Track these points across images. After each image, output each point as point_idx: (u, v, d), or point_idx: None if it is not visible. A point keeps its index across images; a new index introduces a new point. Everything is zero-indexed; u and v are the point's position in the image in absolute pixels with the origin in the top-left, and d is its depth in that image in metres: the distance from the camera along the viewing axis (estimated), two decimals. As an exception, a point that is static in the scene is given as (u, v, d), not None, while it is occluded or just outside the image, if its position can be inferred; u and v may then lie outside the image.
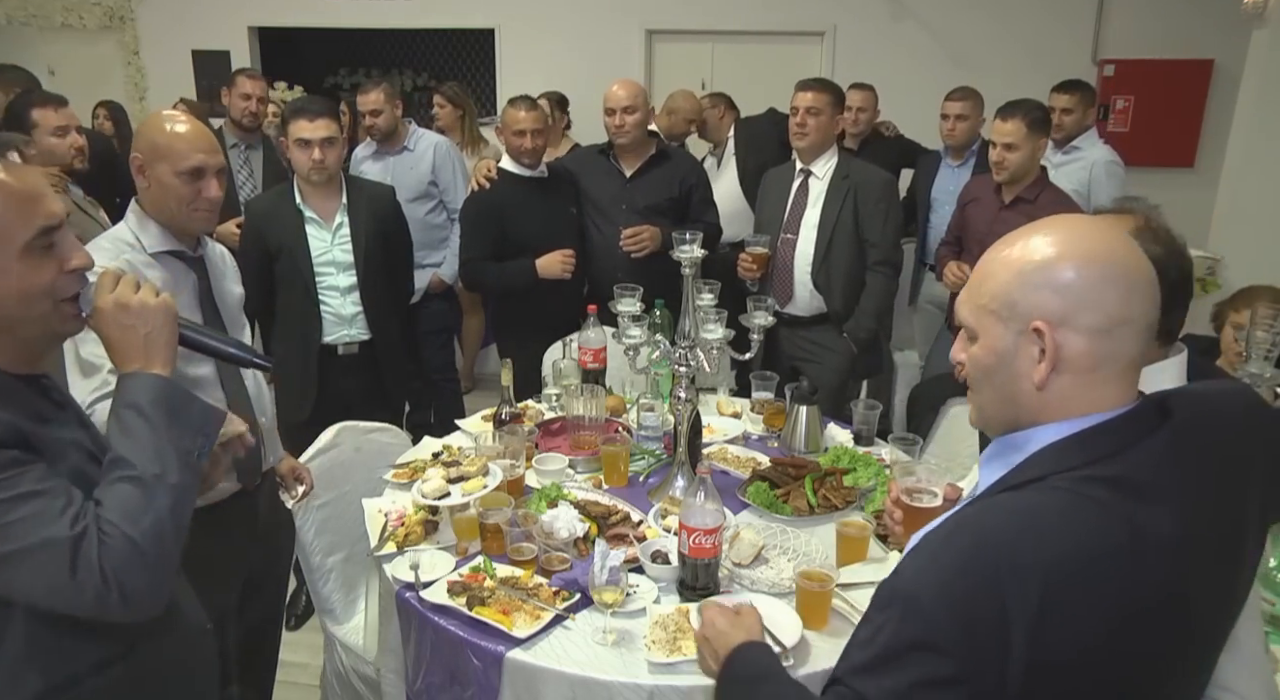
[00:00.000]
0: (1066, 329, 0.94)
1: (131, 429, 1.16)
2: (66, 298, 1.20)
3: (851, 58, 5.62)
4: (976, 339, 1.02)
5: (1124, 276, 0.95)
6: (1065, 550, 0.88)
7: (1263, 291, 2.53)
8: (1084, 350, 0.95)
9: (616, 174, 3.33)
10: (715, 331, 2.13)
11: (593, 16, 5.90)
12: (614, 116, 3.23)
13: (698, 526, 1.68)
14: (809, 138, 3.15)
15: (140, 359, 1.20)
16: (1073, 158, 3.86)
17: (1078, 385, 0.96)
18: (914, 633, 0.89)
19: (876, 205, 3.14)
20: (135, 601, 1.10)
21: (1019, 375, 0.98)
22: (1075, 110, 3.83)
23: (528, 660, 1.58)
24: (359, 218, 2.97)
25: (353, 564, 2.34)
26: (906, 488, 1.51)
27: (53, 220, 1.17)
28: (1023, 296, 0.96)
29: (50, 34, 6.53)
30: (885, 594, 0.94)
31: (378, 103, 3.85)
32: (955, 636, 0.86)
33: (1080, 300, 0.94)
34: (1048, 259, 0.96)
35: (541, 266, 3.20)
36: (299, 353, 2.96)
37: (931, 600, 0.88)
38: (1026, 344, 0.96)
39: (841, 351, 3.21)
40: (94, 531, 1.08)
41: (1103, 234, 0.98)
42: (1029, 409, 0.99)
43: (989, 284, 1.00)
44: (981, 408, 1.07)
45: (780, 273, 3.25)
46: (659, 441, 2.45)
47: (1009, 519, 0.93)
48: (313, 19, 6.31)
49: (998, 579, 0.87)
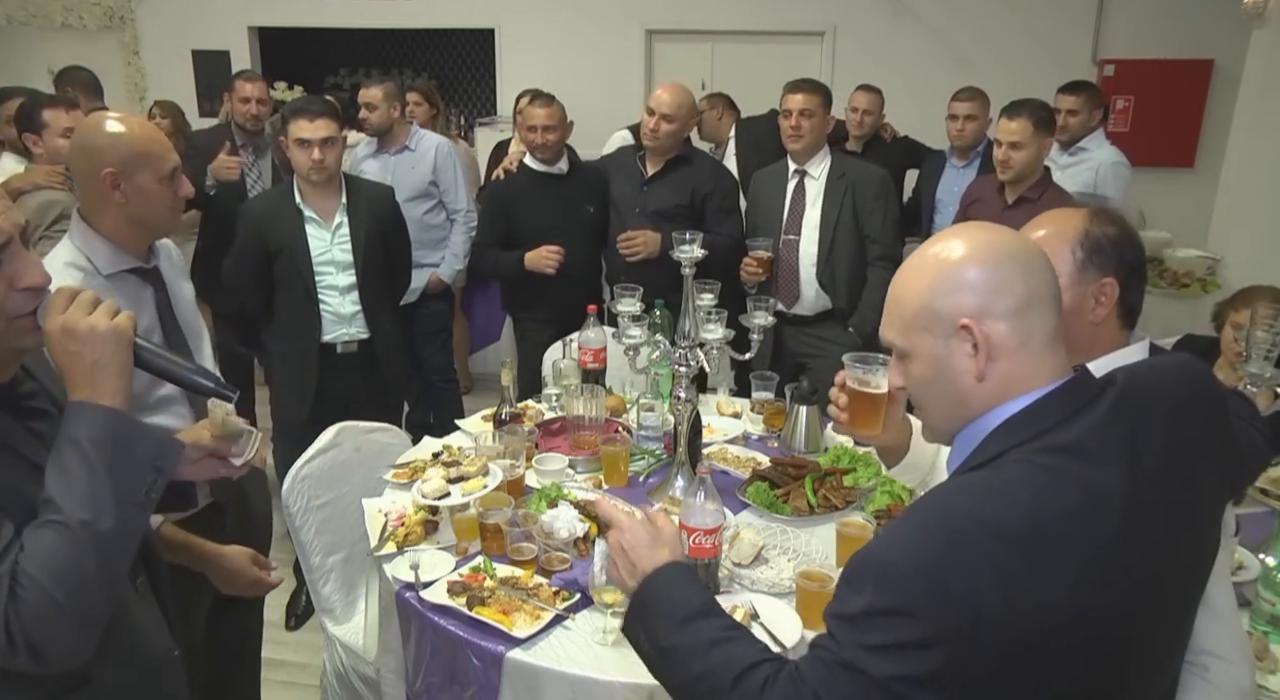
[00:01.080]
0: (988, 318, 1.01)
1: (67, 468, 1.06)
2: (21, 315, 1.12)
3: (851, 58, 5.62)
4: (910, 357, 1.08)
5: (1019, 259, 1.03)
6: (1022, 514, 0.92)
7: (1263, 291, 2.53)
8: (1007, 332, 1.01)
9: (638, 175, 3.35)
10: (715, 331, 2.13)
11: (593, 16, 5.90)
12: (651, 118, 3.23)
13: (698, 526, 1.68)
14: (804, 140, 3.16)
15: (87, 389, 1.10)
16: (1079, 159, 3.86)
17: (1012, 366, 1.02)
18: (889, 600, 0.92)
19: (875, 202, 3.18)
20: (50, 657, 1.04)
21: (959, 374, 1.04)
22: (1080, 111, 3.82)
23: (528, 660, 1.58)
24: (358, 217, 2.97)
25: (353, 564, 2.34)
26: (857, 378, 1.57)
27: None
28: (941, 303, 1.03)
29: (50, 34, 6.53)
30: (858, 565, 0.97)
31: (374, 99, 3.84)
32: (928, 601, 0.90)
33: (991, 290, 1.01)
34: (951, 264, 1.04)
35: (529, 259, 3.27)
36: (298, 351, 2.97)
37: (903, 568, 0.92)
38: (958, 344, 1.03)
39: (847, 345, 3.21)
40: (4, 583, 1.01)
41: (986, 232, 1.06)
42: (977, 402, 1.05)
43: (905, 305, 1.07)
44: (932, 421, 1.12)
45: (785, 274, 3.26)
46: (659, 441, 2.45)
47: (969, 492, 0.98)
48: (313, 19, 6.32)
49: (964, 545, 0.91)
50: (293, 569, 3.20)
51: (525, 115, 3.30)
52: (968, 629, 0.89)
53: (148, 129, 1.83)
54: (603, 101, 3.59)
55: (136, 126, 1.81)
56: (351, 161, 4.09)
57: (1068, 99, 3.85)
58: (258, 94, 3.96)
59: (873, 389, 1.55)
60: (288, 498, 2.20)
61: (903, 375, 1.11)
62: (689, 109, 3.29)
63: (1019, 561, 0.90)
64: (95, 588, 1.05)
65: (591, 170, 3.45)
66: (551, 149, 3.31)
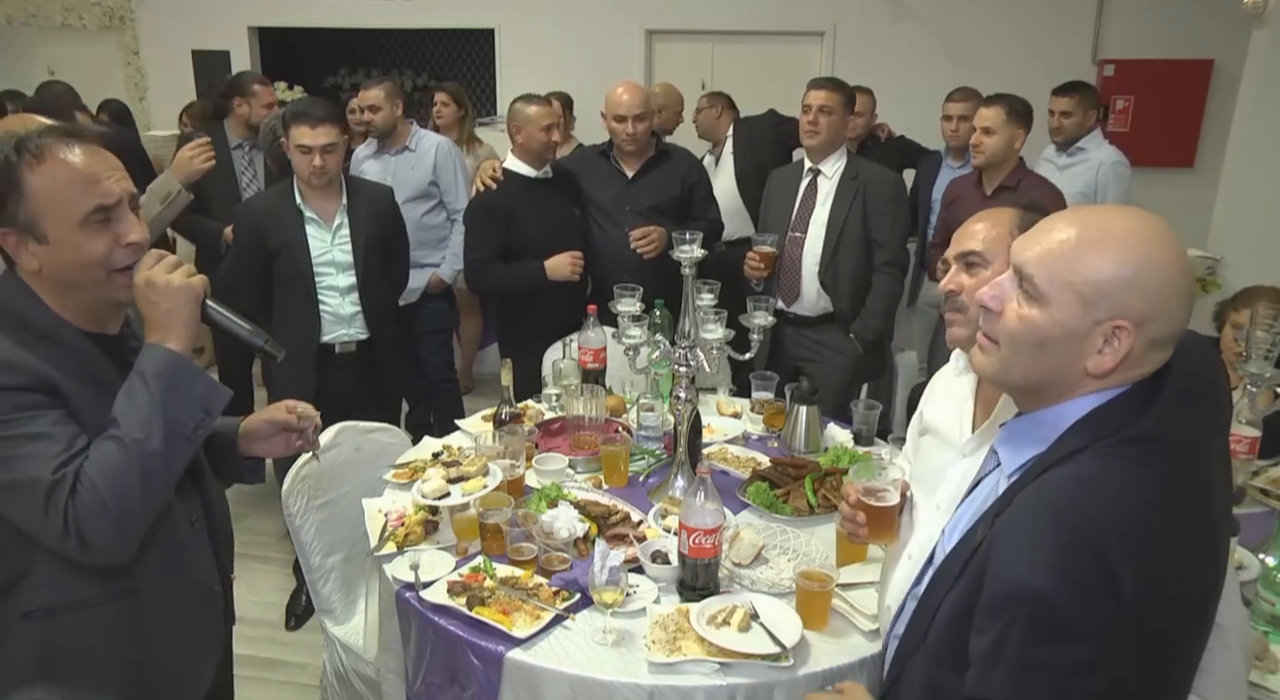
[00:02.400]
0: (1141, 333, 0.98)
1: (133, 394, 1.27)
2: (120, 268, 1.33)
3: (851, 58, 5.61)
4: (1042, 302, 1.01)
5: (1191, 292, 1.01)
6: (1128, 509, 0.93)
7: (1264, 291, 2.54)
8: (1141, 352, 0.99)
9: (618, 175, 3.32)
10: (715, 331, 2.13)
11: (593, 16, 5.90)
12: (624, 124, 3.20)
13: (698, 526, 1.68)
14: (820, 137, 3.15)
15: (159, 332, 1.31)
16: (1078, 160, 3.85)
17: (1118, 372, 1.00)
18: (1050, 624, 0.90)
19: (885, 205, 3.15)
20: (94, 549, 1.23)
21: (1077, 356, 1.00)
22: (1074, 113, 3.82)
23: (528, 660, 1.58)
24: (359, 218, 2.98)
25: (353, 564, 2.34)
26: (866, 488, 1.56)
27: (108, 199, 1.30)
28: (1121, 291, 0.97)
29: (50, 34, 6.53)
30: (1000, 597, 0.95)
31: (377, 100, 3.82)
32: (1083, 614, 0.90)
33: (1162, 311, 0.97)
34: (1158, 263, 0.97)
35: (551, 268, 3.17)
36: (297, 351, 2.96)
37: (1052, 587, 0.90)
38: (1099, 333, 0.98)
39: (847, 352, 3.21)
40: (69, 480, 1.21)
41: (1182, 246, 1.01)
42: (1068, 385, 1.03)
43: (1085, 264, 0.98)
44: (1011, 367, 1.06)
45: (788, 270, 3.25)
46: (659, 441, 2.45)
47: (1075, 492, 0.95)
48: (313, 19, 6.31)
49: (1094, 549, 0.91)
50: (293, 569, 3.20)
51: (536, 116, 3.16)
52: (1122, 633, 0.90)
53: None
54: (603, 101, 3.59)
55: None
56: (352, 162, 4.08)
57: (1061, 101, 3.85)
58: (273, 98, 4.00)
59: (887, 504, 1.56)
60: (287, 498, 2.19)
61: (1013, 308, 1.04)
62: (649, 100, 3.29)
63: (1140, 552, 0.91)
64: (138, 497, 1.24)
65: (567, 173, 3.38)
66: (555, 148, 3.28)
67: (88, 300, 1.35)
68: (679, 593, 1.76)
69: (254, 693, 2.76)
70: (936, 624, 1.09)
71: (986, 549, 1.00)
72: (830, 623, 1.68)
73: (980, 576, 0.99)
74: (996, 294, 1.06)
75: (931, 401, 1.71)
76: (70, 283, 1.33)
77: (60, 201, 1.28)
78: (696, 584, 1.74)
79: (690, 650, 1.58)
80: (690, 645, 1.59)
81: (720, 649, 1.56)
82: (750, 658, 1.56)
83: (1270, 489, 2.19)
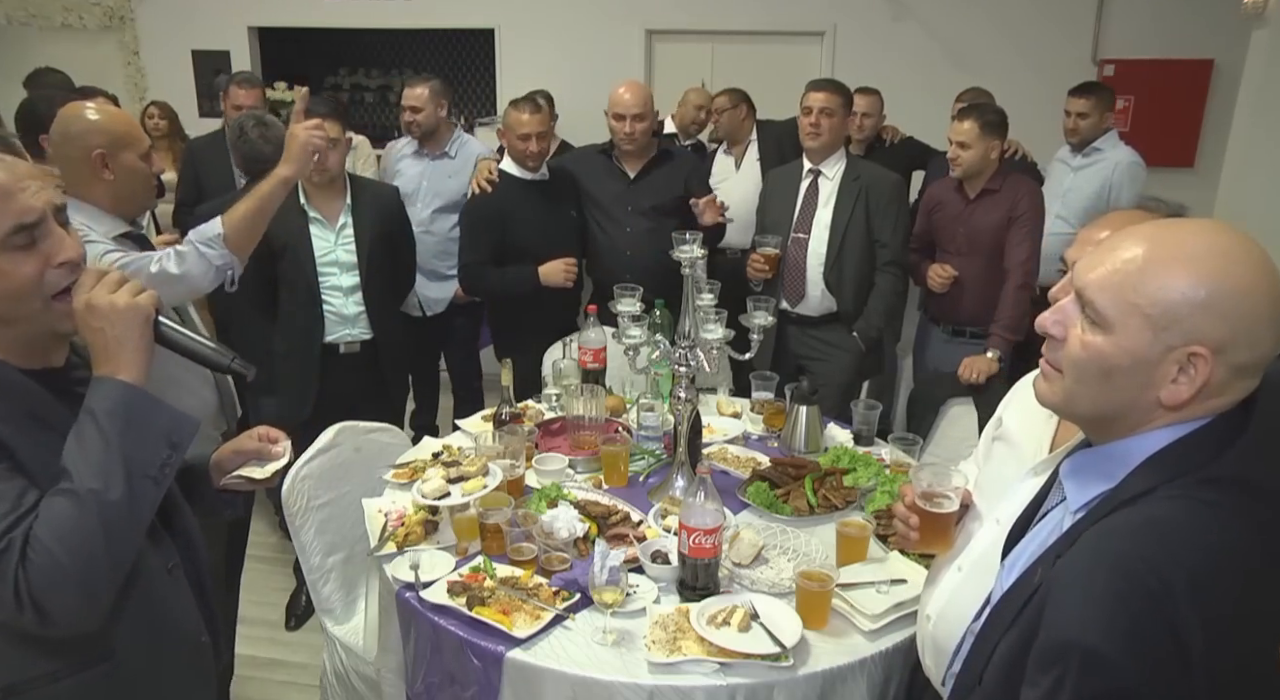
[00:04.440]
0: (1220, 359, 0.89)
1: (84, 437, 1.12)
2: (58, 293, 1.18)
3: (851, 58, 5.61)
4: (1108, 329, 0.93)
5: (1278, 320, 0.91)
6: (1201, 558, 0.86)
7: None
8: (1222, 381, 0.91)
9: (620, 175, 3.33)
10: (715, 331, 2.13)
11: (593, 16, 5.90)
12: (624, 123, 3.20)
13: (698, 526, 1.68)
14: (822, 138, 3.17)
15: (107, 363, 1.16)
16: (1092, 160, 3.85)
17: (1195, 403, 0.92)
18: (1101, 683, 0.85)
19: (888, 206, 3.18)
20: (55, 620, 1.08)
21: (1148, 385, 0.92)
22: (1091, 114, 3.81)
23: (528, 660, 1.58)
24: (363, 218, 2.98)
25: (353, 564, 2.34)
26: (924, 493, 1.42)
27: (27, 217, 1.14)
28: (1189, 314, 0.89)
29: (50, 34, 6.52)
30: (1051, 650, 0.89)
31: (420, 100, 3.69)
32: (1140, 673, 0.84)
33: (1245, 336, 0.89)
34: (1233, 284, 0.88)
35: (544, 274, 3.18)
36: (301, 352, 2.97)
37: (1106, 643, 0.84)
38: (1172, 361, 0.90)
39: (850, 350, 3.23)
40: (18, 545, 1.06)
41: (1269, 262, 0.92)
42: (1139, 416, 0.95)
43: (1151, 284, 0.90)
44: (1075, 398, 0.99)
45: (792, 272, 3.26)
46: (659, 441, 2.45)
47: (1141, 538, 0.88)
48: (313, 19, 6.31)
49: (1157, 601, 0.84)
50: (293, 569, 3.20)
51: (514, 122, 3.17)
52: (1182, 686, 0.84)
53: (120, 113, 2.11)
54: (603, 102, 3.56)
55: (111, 111, 2.08)
56: (389, 154, 4.00)
57: (1077, 102, 3.85)
58: (250, 102, 3.91)
59: (944, 510, 1.41)
60: (288, 498, 2.19)
61: (1076, 335, 0.96)
62: (651, 100, 3.28)
63: (1212, 604, 0.84)
64: (102, 555, 1.09)
65: (564, 173, 3.38)
66: (542, 156, 3.26)
67: (26, 335, 1.20)
68: (679, 593, 1.76)
69: (254, 693, 2.76)
70: (991, 667, 1.03)
71: (1044, 593, 0.94)
72: (830, 623, 1.68)
73: (1036, 621, 0.93)
74: (1059, 319, 1.00)
75: (1013, 407, 1.55)
76: (4, 317, 1.17)
77: None
78: (696, 584, 1.74)
79: (690, 650, 1.58)
80: (690, 645, 1.59)
81: (720, 649, 1.56)
82: (750, 658, 1.56)
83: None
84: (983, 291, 3.21)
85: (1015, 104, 3.69)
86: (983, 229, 3.22)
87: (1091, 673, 0.85)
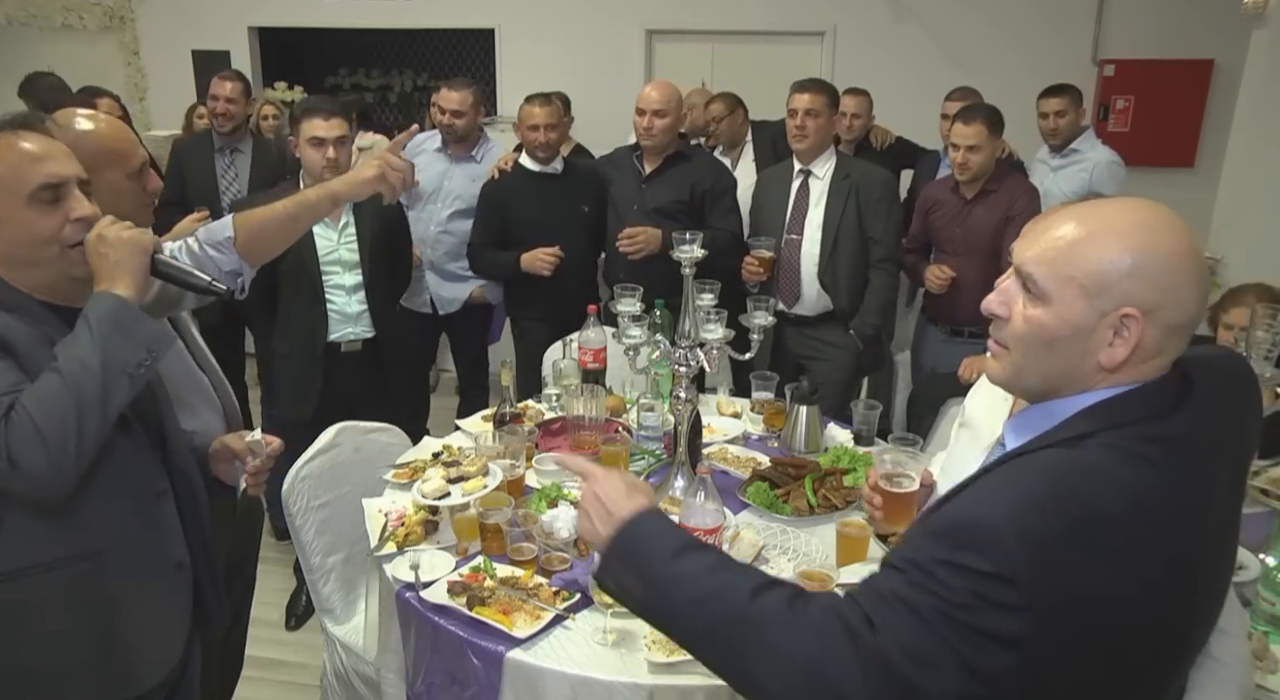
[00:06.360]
0: (1151, 320, 0.95)
1: (77, 335, 1.33)
2: (73, 244, 1.39)
3: (851, 58, 5.61)
4: (1046, 301, 0.99)
5: (1203, 278, 0.98)
6: (1123, 500, 0.91)
7: (1250, 289, 2.54)
8: (1156, 341, 0.97)
9: (636, 173, 3.35)
10: (715, 331, 2.13)
11: (593, 16, 5.90)
12: (643, 117, 3.23)
13: (698, 526, 1.67)
14: (809, 139, 3.17)
15: (107, 281, 1.37)
16: (1071, 160, 3.85)
17: (1132, 366, 0.98)
18: (990, 565, 0.88)
19: (879, 204, 3.19)
20: (25, 474, 1.26)
21: (1087, 351, 0.98)
22: (1069, 112, 3.81)
23: (528, 660, 1.58)
24: (365, 217, 2.99)
25: (353, 564, 2.34)
26: (885, 474, 1.54)
27: (53, 179, 1.37)
28: (1119, 280, 0.95)
29: (50, 34, 6.52)
30: (955, 520, 0.93)
31: (463, 105, 3.60)
32: (1030, 571, 0.87)
33: (1171, 297, 0.95)
34: (1160, 249, 0.95)
35: (525, 260, 3.29)
36: (304, 351, 2.97)
37: (1008, 534, 0.88)
38: (1107, 325, 0.96)
39: (848, 348, 3.24)
40: (3, 408, 1.27)
41: (1189, 231, 0.98)
42: (1080, 381, 1.00)
43: (1084, 255, 0.97)
44: (1023, 371, 1.04)
45: (787, 273, 3.27)
46: (659, 441, 2.45)
47: (1072, 471, 0.93)
48: (313, 19, 6.31)
49: (1069, 521, 0.89)
50: (293, 569, 3.20)
51: (524, 115, 3.32)
52: (1063, 603, 0.88)
53: (115, 126, 1.84)
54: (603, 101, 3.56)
55: (103, 123, 1.82)
56: (411, 147, 3.95)
57: (1053, 102, 3.84)
58: (226, 93, 3.87)
59: (904, 490, 1.56)
60: (288, 498, 2.20)
61: (1020, 312, 1.02)
62: (678, 102, 3.29)
63: (1116, 545, 0.89)
64: (71, 423, 1.27)
65: (587, 170, 3.45)
66: (551, 148, 3.32)
67: (48, 277, 1.41)
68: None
69: (254, 693, 2.75)
70: None
71: None
72: (830, 623, 1.68)
73: None
74: (1004, 299, 1.05)
75: (975, 396, 1.67)
76: (27, 261, 1.39)
77: (8, 180, 1.35)
78: (696, 584, 1.74)
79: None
80: (690, 645, 1.59)
81: (720, 649, 1.56)
82: (750, 658, 1.55)
83: (1270, 489, 2.18)
84: (981, 291, 3.15)
85: (1015, 104, 3.69)
86: (981, 229, 3.22)
87: (979, 548, 0.88)
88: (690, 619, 1.04)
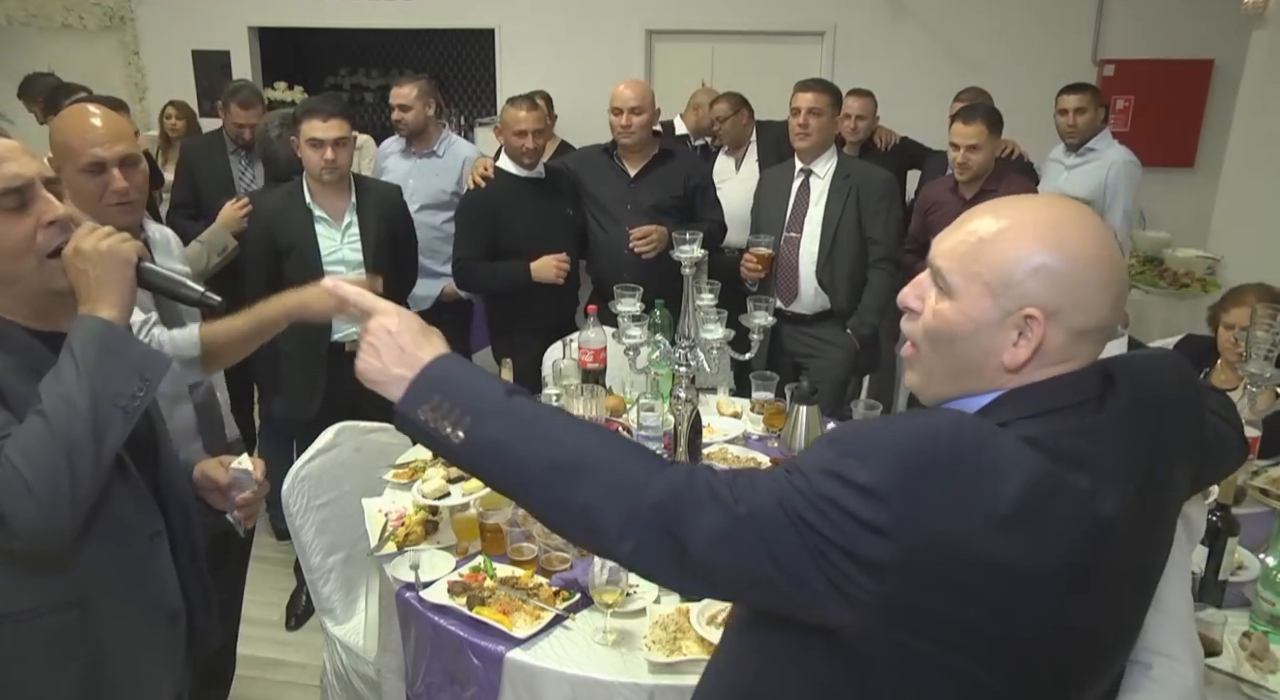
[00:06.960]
0: (1055, 324, 0.93)
1: (60, 369, 1.19)
2: (51, 252, 1.26)
3: (852, 58, 5.61)
4: (953, 296, 0.97)
5: (1117, 283, 0.95)
6: (1013, 496, 0.87)
7: (1250, 289, 2.54)
8: (1061, 345, 0.94)
9: (620, 174, 3.33)
10: (715, 331, 2.13)
11: (593, 16, 5.90)
12: (620, 116, 3.22)
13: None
14: (811, 138, 3.18)
15: (89, 301, 1.24)
16: (1087, 159, 3.84)
17: (1037, 368, 0.95)
18: (867, 477, 0.87)
19: (878, 203, 3.20)
20: (15, 529, 1.14)
21: (990, 350, 0.96)
22: (1088, 110, 3.80)
23: (528, 660, 1.59)
24: (368, 217, 2.98)
25: (353, 564, 2.34)
26: None
27: (14, 182, 1.23)
28: (1024, 279, 0.93)
29: (50, 34, 6.52)
30: (847, 434, 0.94)
31: (408, 98, 3.72)
32: (903, 497, 0.86)
33: (1077, 300, 0.93)
34: (1060, 250, 0.93)
35: (536, 270, 3.19)
36: (307, 351, 2.97)
37: (892, 456, 0.88)
38: (1010, 325, 0.94)
39: (845, 347, 3.24)
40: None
41: (1104, 234, 0.96)
42: (984, 381, 0.98)
43: (990, 252, 0.95)
44: (931, 371, 1.02)
45: (785, 271, 3.27)
46: (659, 441, 2.45)
47: (981, 427, 0.92)
48: (313, 19, 6.31)
49: (959, 469, 0.87)
50: (293, 569, 3.20)
51: (509, 119, 3.20)
52: (929, 542, 0.86)
53: (75, 120, 1.79)
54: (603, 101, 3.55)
55: (63, 118, 1.79)
56: (379, 153, 4.01)
57: (1073, 98, 3.83)
58: (250, 121, 3.84)
59: None
60: (287, 498, 2.20)
61: (929, 305, 1.00)
62: (651, 97, 3.29)
63: (999, 509, 0.86)
64: (63, 470, 1.15)
65: (564, 171, 3.38)
66: (539, 154, 3.27)
67: (27, 294, 1.28)
68: (679, 593, 1.76)
69: (254, 693, 2.76)
70: None
71: None
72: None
73: None
74: (918, 292, 1.03)
75: None
76: (2, 278, 1.26)
77: None
78: (696, 584, 1.74)
79: (690, 650, 1.58)
80: (690, 645, 1.59)
81: (720, 649, 1.56)
82: (750, 658, 1.55)
83: (1270, 489, 2.18)
84: None
85: (1015, 104, 3.70)
86: None
87: (861, 457, 0.88)
88: (528, 452, 0.98)
